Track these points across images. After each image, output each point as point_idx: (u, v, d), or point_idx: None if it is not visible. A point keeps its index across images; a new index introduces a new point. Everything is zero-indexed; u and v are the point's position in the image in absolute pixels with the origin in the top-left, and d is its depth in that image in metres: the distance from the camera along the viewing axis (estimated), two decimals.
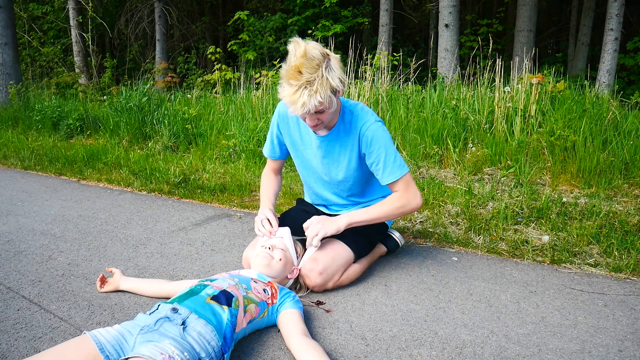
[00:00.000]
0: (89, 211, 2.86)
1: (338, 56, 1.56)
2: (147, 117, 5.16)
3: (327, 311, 1.58)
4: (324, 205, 2.05)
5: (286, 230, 1.74)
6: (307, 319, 1.51)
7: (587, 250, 2.08)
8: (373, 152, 1.72)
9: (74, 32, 10.45)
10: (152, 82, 6.95)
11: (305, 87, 1.46)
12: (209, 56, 7.11)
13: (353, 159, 1.79)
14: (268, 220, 1.77)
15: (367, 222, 1.74)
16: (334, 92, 1.54)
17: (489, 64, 4.45)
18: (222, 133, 4.57)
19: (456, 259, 2.07)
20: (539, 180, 3.11)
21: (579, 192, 2.87)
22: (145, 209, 2.91)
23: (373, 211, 1.74)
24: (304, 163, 1.93)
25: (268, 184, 2.00)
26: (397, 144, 3.78)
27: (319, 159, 1.86)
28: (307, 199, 2.14)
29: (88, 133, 5.80)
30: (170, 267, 1.97)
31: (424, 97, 4.36)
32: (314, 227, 1.68)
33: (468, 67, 5.28)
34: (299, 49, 1.47)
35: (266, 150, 2.01)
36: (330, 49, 5.21)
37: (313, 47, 1.48)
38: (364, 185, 1.91)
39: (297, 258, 1.73)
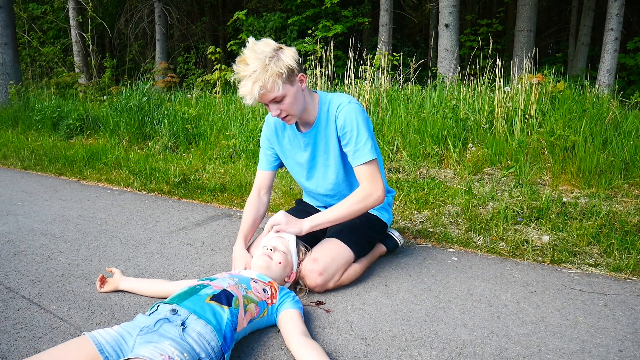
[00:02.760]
0: (89, 211, 2.86)
1: (293, 49, 1.64)
2: (147, 117, 5.16)
3: (327, 311, 1.57)
4: (324, 207, 2.06)
5: (292, 237, 1.73)
6: (307, 319, 1.50)
7: (587, 250, 2.08)
8: (346, 133, 1.73)
9: (73, 32, 10.45)
10: (152, 82, 6.95)
11: (249, 77, 1.55)
12: (209, 56, 7.10)
13: (338, 149, 1.81)
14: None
15: (330, 223, 1.73)
16: (285, 77, 1.58)
17: (489, 64, 4.45)
18: (222, 133, 4.57)
19: (456, 259, 2.07)
20: (539, 180, 3.11)
21: (579, 192, 2.87)
22: (145, 209, 2.90)
23: (335, 211, 1.73)
24: (296, 168, 1.95)
25: (248, 216, 1.92)
26: (397, 144, 3.78)
27: (309, 161, 1.88)
28: (306, 200, 2.15)
29: (88, 133, 5.80)
30: (170, 267, 1.97)
31: (424, 97, 4.36)
32: (278, 218, 1.70)
33: (468, 67, 5.29)
34: (249, 44, 1.58)
35: (260, 164, 2.00)
36: (330, 49, 5.22)
37: (264, 43, 1.59)
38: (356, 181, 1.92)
39: (298, 263, 1.72)
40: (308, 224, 1.72)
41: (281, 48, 1.61)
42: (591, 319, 1.52)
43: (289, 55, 1.60)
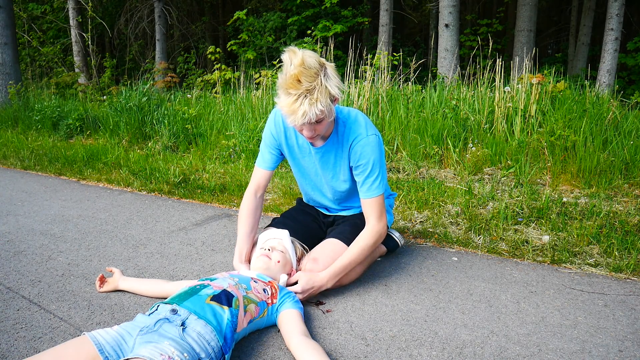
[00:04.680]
0: (88, 211, 2.85)
1: (333, 64, 1.54)
2: (147, 117, 5.16)
3: (327, 311, 1.57)
4: (325, 208, 2.06)
5: (285, 232, 1.74)
6: (307, 319, 1.50)
7: (588, 250, 2.08)
8: (360, 166, 1.71)
9: (73, 32, 10.45)
10: (152, 82, 6.95)
11: (305, 96, 1.43)
12: (209, 56, 7.11)
13: (346, 171, 1.79)
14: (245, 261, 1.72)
15: (348, 270, 1.70)
16: (332, 100, 1.52)
17: (489, 63, 4.45)
18: (222, 133, 4.57)
19: (456, 259, 2.07)
20: (539, 180, 3.11)
21: (579, 192, 2.87)
22: (145, 209, 2.90)
23: (350, 258, 1.68)
24: (302, 171, 1.92)
25: (245, 218, 1.82)
26: (397, 144, 3.78)
27: (317, 168, 1.85)
28: (306, 200, 2.15)
29: (88, 133, 5.80)
30: (170, 267, 1.96)
31: (424, 97, 4.36)
32: (304, 287, 1.59)
33: (468, 67, 5.28)
34: (296, 58, 1.44)
35: (260, 162, 1.88)
36: (330, 49, 5.23)
37: (309, 56, 1.46)
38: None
39: (296, 260, 1.73)
40: (329, 281, 1.63)
41: (324, 65, 1.50)
42: (591, 319, 1.52)
43: (334, 74, 1.51)
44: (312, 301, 1.64)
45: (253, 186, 1.87)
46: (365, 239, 1.71)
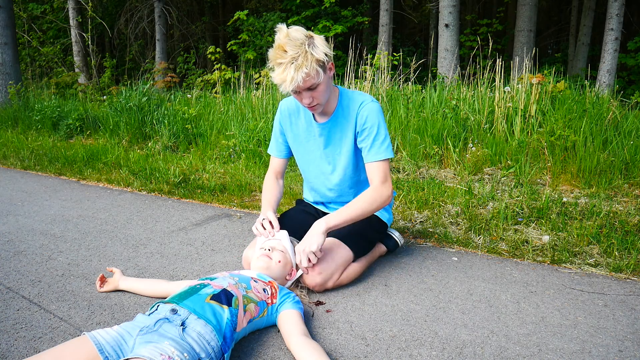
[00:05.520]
0: (89, 211, 2.85)
1: (323, 37, 1.65)
2: (147, 117, 5.16)
3: (327, 311, 1.57)
4: (323, 204, 2.06)
5: (284, 233, 1.74)
6: (307, 319, 1.50)
7: (587, 250, 2.08)
8: (366, 129, 1.76)
9: (73, 32, 10.45)
10: (152, 82, 6.95)
11: (291, 63, 1.54)
12: (209, 56, 7.11)
13: (352, 142, 1.82)
14: (270, 222, 1.77)
15: (345, 224, 1.71)
16: (321, 65, 1.60)
17: (489, 63, 4.45)
18: (222, 133, 4.57)
19: (456, 259, 2.07)
20: (539, 180, 3.11)
21: (579, 192, 2.87)
22: (145, 209, 2.90)
23: (348, 210, 1.71)
24: (305, 157, 1.95)
25: (270, 190, 1.98)
26: (397, 144, 3.78)
27: (321, 150, 1.88)
28: (307, 195, 2.14)
29: (88, 133, 5.80)
30: (170, 267, 1.96)
31: (424, 97, 4.36)
32: (300, 254, 1.63)
33: (468, 67, 5.29)
34: (282, 32, 1.58)
35: (272, 149, 2.04)
36: (330, 49, 5.22)
37: (295, 30, 1.58)
38: (359, 187, 1.92)
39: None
40: (324, 226, 1.65)
41: (312, 36, 1.62)
42: (591, 319, 1.52)
43: (322, 43, 1.62)
44: (312, 301, 1.64)
45: (272, 171, 2.03)
46: (364, 196, 1.72)
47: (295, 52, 1.54)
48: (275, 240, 1.70)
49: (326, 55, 1.61)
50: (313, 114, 1.85)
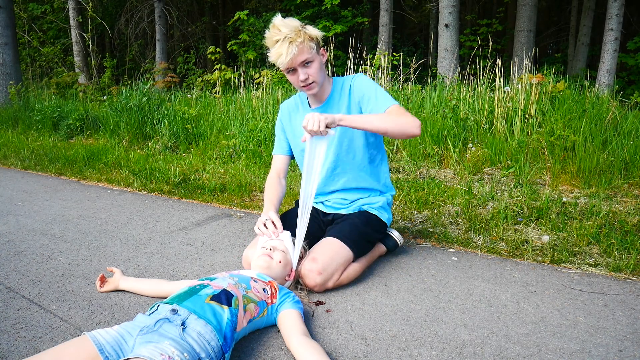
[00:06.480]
0: (89, 211, 2.86)
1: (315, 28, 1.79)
2: (147, 117, 5.17)
3: (327, 311, 1.58)
4: (322, 203, 2.06)
5: (287, 233, 1.74)
6: (307, 319, 1.51)
7: (587, 250, 2.08)
8: (365, 94, 1.81)
9: (73, 32, 10.45)
10: (152, 82, 6.95)
11: (284, 39, 1.66)
12: (209, 56, 7.11)
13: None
14: (272, 222, 1.77)
15: (361, 125, 1.66)
16: (315, 43, 1.72)
17: (489, 64, 4.46)
18: (222, 133, 4.57)
19: (456, 259, 2.07)
20: (539, 180, 3.11)
21: (579, 192, 2.87)
22: (145, 209, 2.91)
23: (370, 117, 1.69)
24: (304, 150, 1.94)
25: (272, 189, 1.98)
26: (397, 144, 3.78)
27: None
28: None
29: (88, 133, 5.80)
30: (170, 267, 1.97)
31: (424, 97, 4.36)
32: (312, 119, 1.56)
33: (468, 67, 5.29)
34: (277, 17, 1.71)
35: (275, 149, 2.09)
36: (330, 49, 5.23)
37: (289, 19, 1.73)
38: (358, 171, 1.94)
39: (298, 261, 1.72)
40: (341, 115, 1.63)
41: (305, 25, 1.74)
42: (591, 319, 1.52)
43: (315, 29, 1.76)
44: (312, 301, 1.64)
45: (274, 171, 2.05)
46: (389, 111, 1.71)
47: (289, 29, 1.66)
48: (277, 240, 1.70)
49: (317, 36, 1.73)
50: (309, 105, 1.92)
